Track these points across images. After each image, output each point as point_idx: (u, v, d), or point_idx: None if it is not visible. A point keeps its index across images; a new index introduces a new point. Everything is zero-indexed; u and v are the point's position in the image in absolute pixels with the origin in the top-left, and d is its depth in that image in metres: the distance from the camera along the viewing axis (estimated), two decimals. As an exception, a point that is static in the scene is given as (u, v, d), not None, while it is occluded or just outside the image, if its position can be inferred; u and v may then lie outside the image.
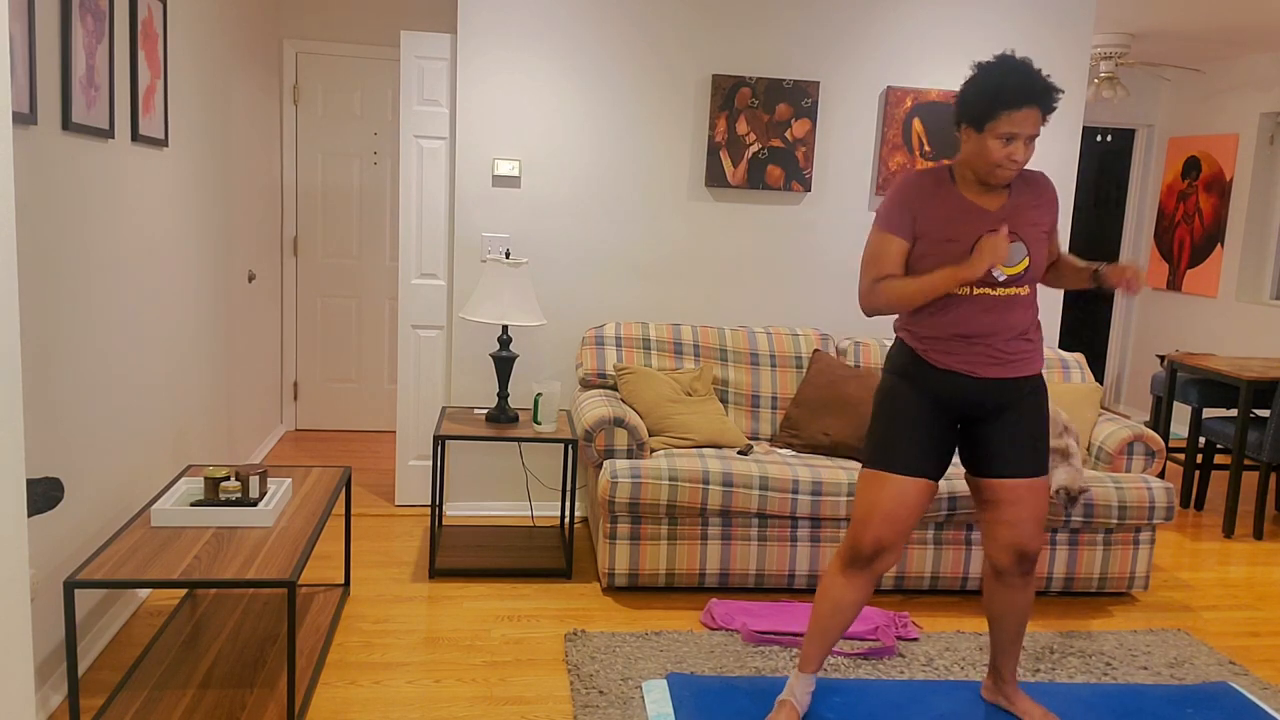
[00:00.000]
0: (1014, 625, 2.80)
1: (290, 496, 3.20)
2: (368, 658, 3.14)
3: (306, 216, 5.76)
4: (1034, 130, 2.48)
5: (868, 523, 2.65)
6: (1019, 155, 2.49)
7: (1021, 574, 2.72)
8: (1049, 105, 2.48)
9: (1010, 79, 2.46)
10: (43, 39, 2.56)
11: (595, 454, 3.72)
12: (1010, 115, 2.45)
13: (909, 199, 2.60)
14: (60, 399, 2.72)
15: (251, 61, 4.92)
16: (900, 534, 2.65)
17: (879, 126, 4.53)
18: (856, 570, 2.68)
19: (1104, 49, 6.24)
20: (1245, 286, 6.73)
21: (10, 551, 1.39)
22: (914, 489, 2.63)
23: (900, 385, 2.68)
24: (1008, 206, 2.59)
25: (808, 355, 4.30)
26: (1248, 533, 4.88)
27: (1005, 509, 2.67)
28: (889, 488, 2.63)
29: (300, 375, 5.91)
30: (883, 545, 2.65)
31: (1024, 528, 2.68)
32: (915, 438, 2.63)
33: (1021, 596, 2.76)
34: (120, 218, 3.13)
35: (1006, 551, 2.70)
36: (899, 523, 2.64)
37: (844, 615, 2.72)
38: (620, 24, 4.32)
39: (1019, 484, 2.65)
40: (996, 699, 2.92)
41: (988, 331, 2.58)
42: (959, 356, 2.60)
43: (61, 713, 2.73)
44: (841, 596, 2.70)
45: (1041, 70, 2.51)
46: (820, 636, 2.74)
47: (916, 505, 2.64)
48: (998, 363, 2.60)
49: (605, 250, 4.46)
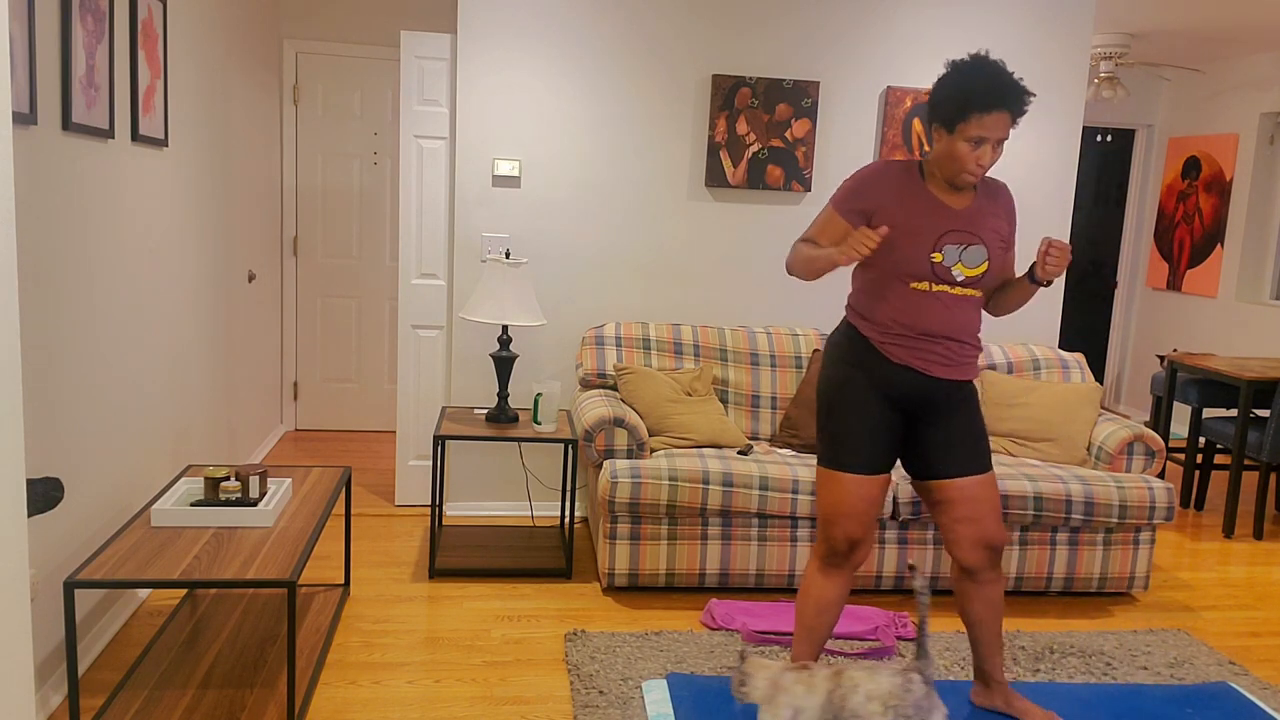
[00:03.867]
0: (994, 623, 2.79)
1: (290, 496, 3.20)
2: (368, 658, 3.14)
3: (306, 216, 5.76)
4: (1003, 134, 2.48)
5: (836, 521, 2.68)
6: (986, 160, 2.50)
7: (992, 567, 2.73)
8: (1019, 109, 2.48)
9: (980, 82, 2.45)
10: (43, 39, 2.56)
11: (595, 454, 3.72)
12: (980, 119, 2.46)
13: (871, 189, 2.61)
14: (60, 399, 2.72)
15: (251, 61, 4.92)
16: (869, 526, 2.68)
17: (879, 126, 4.53)
18: (834, 566, 2.72)
19: (1104, 49, 6.24)
20: (1245, 286, 6.73)
21: (10, 551, 1.39)
22: (873, 485, 2.66)
23: (854, 377, 2.66)
24: (973, 208, 2.61)
25: (808, 355, 4.30)
26: (1248, 533, 4.88)
27: (963, 507, 2.67)
28: (850, 486, 2.65)
29: (300, 375, 5.91)
30: (855, 539, 2.68)
31: (986, 522, 2.68)
32: (872, 433, 2.64)
33: (995, 591, 2.76)
34: (120, 218, 3.13)
35: (975, 549, 2.69)
36: (864, 516, 2.67)
37: (829, 613, 2.74)
38: (620, 24, 4.32)
39: (971, 481, 2.66)
40: (992, 703, 2.88)
41: (947, 333, 2.59)
42: (917, 353, 2.60)
43: (61, 713, 2.73)
44: (823, 594, 2.73)
45: (1013, 73, 2.50)
46: (808, 635, 2.76)
47: (878, 499, 2.68)
48: (950, 364, 2.62)
49: (605, 250, 4.46)
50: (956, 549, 2.71)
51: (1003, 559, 2.78)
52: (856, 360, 2.66)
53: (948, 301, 2.58)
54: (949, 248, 2.56)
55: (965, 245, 2.57)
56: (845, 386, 2.66)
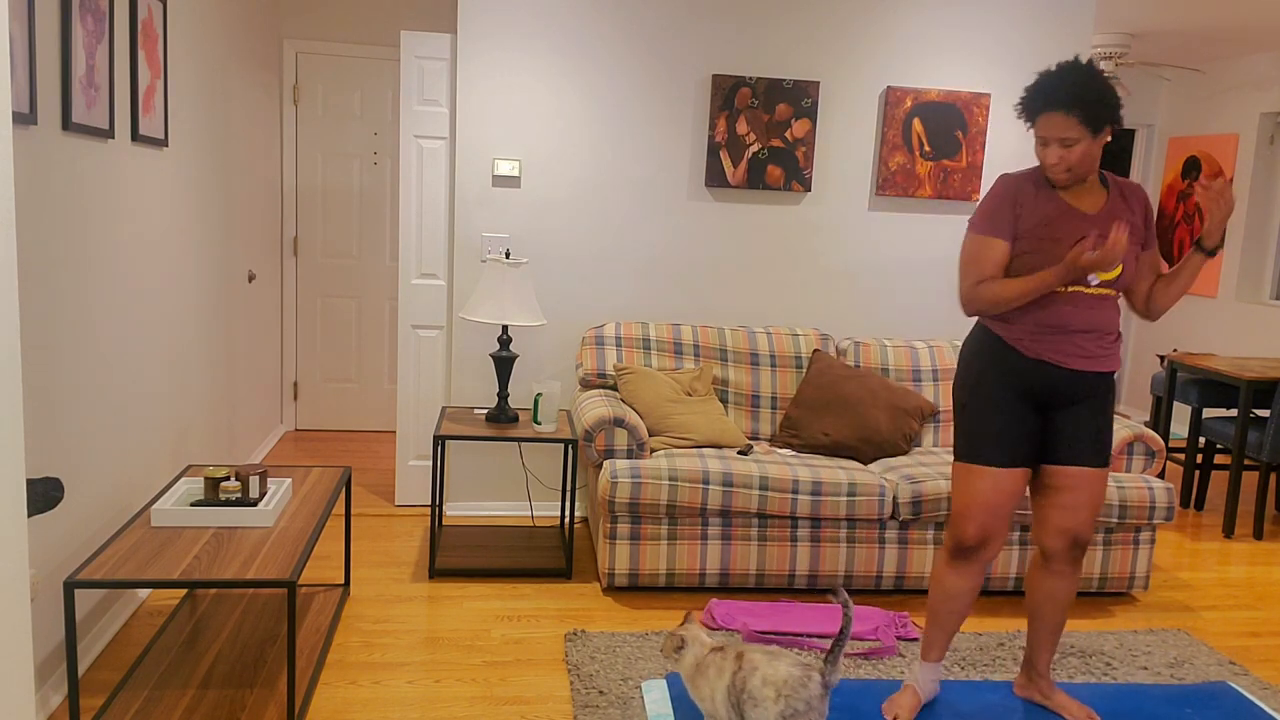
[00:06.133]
0: (1053, 617, 2.84)
1: (290, 496, 3.20)
2: (368, 658, 3.14)
3: (306, 216, 5.76)
4: (1062, 134, 2.53)
5: (968, 515, 2.73)
6: (1053, 159, 2.57)
7: (1071, 561, 2.79)
8: (1079, 111, 2.50)
9: (1041, 83, 2.55)
10: (43, 39, 2.56)
11: (595, 454, 3.72)
12: (1040, 120, 2.56)
13: (1011, 200, 2.67)
14: (60, 399, 2.72)
15: (251, 61, 4.92)
16: (1002, 521, 2.72)
17: (879, 126, 4.53)
18: (962, 561, 2.77)
19: (1104, 49, 6.24)
20: (1245, 286, 6.73)
21: (10, 551, 1.39)
22: (1009, 478, 2.70)
23: (987, 374, 2.72)
24: (1105, 211, 2.65)
25: (808, 355, 4.30)
26: (1248, 533, 4.88)
27: (1065, 494, 2.73)
28: (985, 479, 2.70)
29: (300, 375, 5.91)
30: (987, 535, 2.73)
31: (1081, 514, 2.74)
32: (1007, 426, 2.69)
33: (1065, 586, 2.81)
34: (120, 218, 3.13)
35: (1060, 536, 2.75)
36: (999, 510, 2.71)
37: (956, 602, 2.80)
38: (620, 24, 4.32)
39: (1083, 472, 2.71)
40: (1030, 694, 2.95)
41: (1081, 328, 2.64)
42: (1052, 347, 2.65)
43: (61, 713, 2.73)
44: (952, 585, 2.79)
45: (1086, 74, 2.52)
46: (935, 623, 2.84)
47: (1014, 493, 2.71)
48: (1087, 356, 2.66)
49: (605, 250, 4.46)
50: (1042, 531, 2.78)
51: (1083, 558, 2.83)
52: (990, 359, 2.72)
53: (1084, 301, 2.63)
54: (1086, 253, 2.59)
55: None
56: (979, 385, 2.73)
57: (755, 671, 2.42)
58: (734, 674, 2.45)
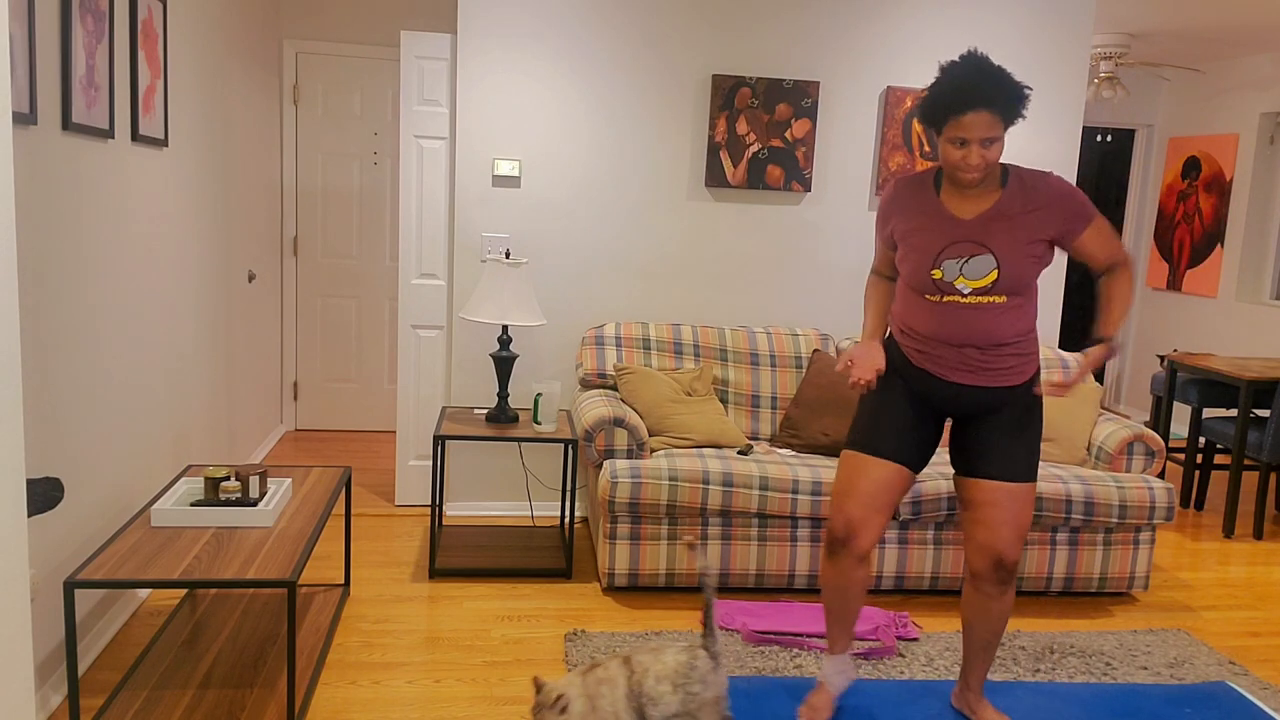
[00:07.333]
0: (982, 634, 2.77)
1: (290, 496, 3.20)
2: (368, 658, 3.14)
3: (306, 216, 5.76)
4: (984, 134, 2.40)
5: (836, 504, 2.73)
6: (972, 159, 2.44)
7: (996, 582, 2.67)
8: (999, 108, 2.39)
9: (953, 82, 2.40)
10: (43, 39, 2.56)
11: (595, 454, 3.72)
12: (957, 120, 2.41)
13: (887, 206, 2.71)
14: (60, 399, 2.72)
15: (251, 61, 4.92)
16: (872, 513, 2.67)
17: (879, 126, 4.53)
18: (834, 553, 2.74)
19: (1104, 49, 6.24)
20: (1245, 286, 6.73)
21: (10, 551, 1.39)
22: (879, 468, 2.67)
23: (888, 375, 2.74)
24: (987, 214, 2.53)
25: (808, 355, 4.30)
26: (1248, 533, 4.88)
27: (983, 509, 2.65)
28: (863, 468, 2.69)
29: (300, 375, 5.91)
30: (853, 526, 2.68)
31: (1000, 532, 2.63)
32: (895, 424, 2.68)
33: (994, 606, 2.71)
34: (120, 218, 3.13)
35: (982, 554, 2.67)
36: (867, 500, 2.67)
37: (842, 595, 2.77)
38: (620, 24, 4.32)
39: (999, 487, 2.63)
40: (961, 706, 2.92)
41: (961, 339, 2.57)
42: (932, 358, 2.63)
43: (61, 713, 2.73)
44: (829, 578, 2.78)
45: (999, 70, 2.40)
46: (830, 618, 2.83)
47: (890, 488, 2.68)
48: (972, 370, 2.59)
49: (605, 250, 4.46)
50: (967, 548, 2.73)
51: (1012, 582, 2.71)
52: (891, 359, 2.74)
53: (962, 310, 2.55)
54: (948, 263, 2.54)
55: (967, 257, 2.52)
56: (882, 379, 2.75)
57: (647, 673, 2.40)
58: (628, 679, 2.40)
